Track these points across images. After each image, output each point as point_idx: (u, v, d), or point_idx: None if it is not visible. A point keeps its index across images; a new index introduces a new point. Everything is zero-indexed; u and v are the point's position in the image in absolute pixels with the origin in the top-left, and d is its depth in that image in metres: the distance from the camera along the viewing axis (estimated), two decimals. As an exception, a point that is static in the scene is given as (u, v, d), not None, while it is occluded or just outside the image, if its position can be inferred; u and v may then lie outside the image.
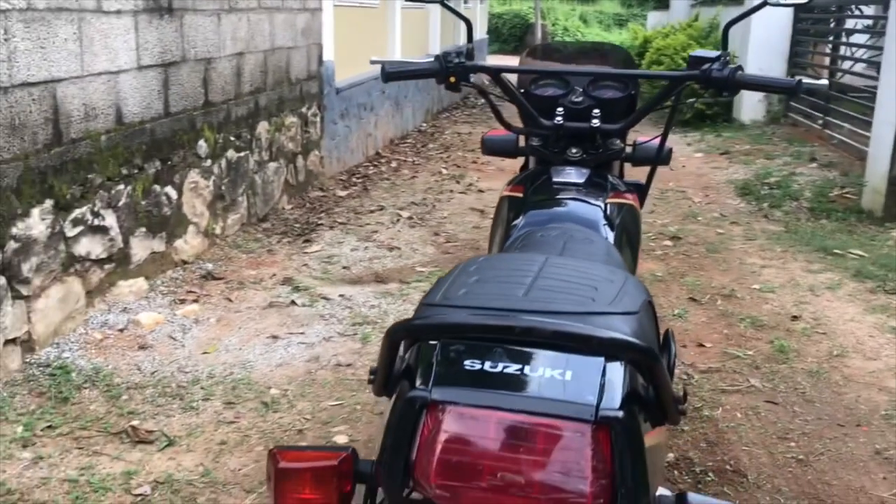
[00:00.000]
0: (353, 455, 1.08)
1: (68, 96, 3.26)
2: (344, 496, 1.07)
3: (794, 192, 6.24)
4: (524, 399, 0.96)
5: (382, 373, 1.08)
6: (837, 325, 3.77)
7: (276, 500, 1.08)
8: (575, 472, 0.90)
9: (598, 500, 0.91)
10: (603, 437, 0.92)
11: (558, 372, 1.00)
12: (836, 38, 8.65)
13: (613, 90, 2.03)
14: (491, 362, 1.01)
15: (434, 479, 0.92)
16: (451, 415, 0.94)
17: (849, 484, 2.52)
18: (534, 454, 0.91)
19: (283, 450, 1.09)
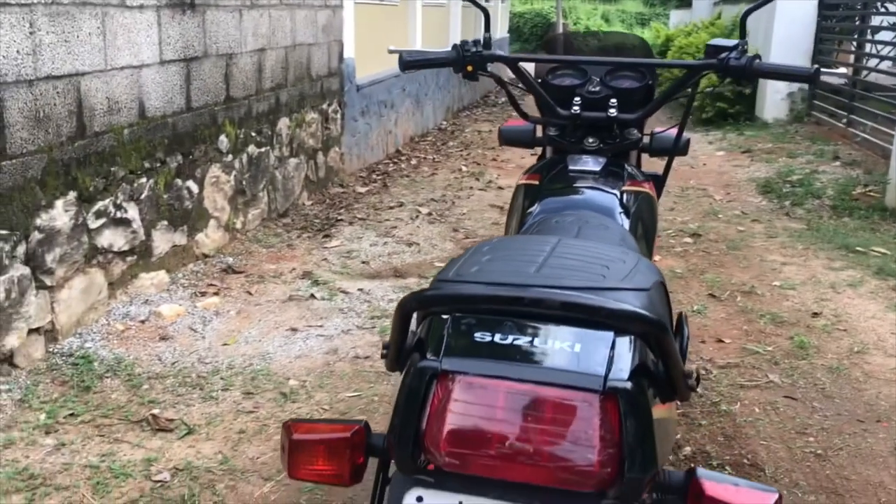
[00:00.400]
0: (365, 428, 1.10)
1: (92, 90, 3.30)
2: (356, 468, 1.09)
3: (817, 190, 6.19)
4: (533, 369, 0.97)
5: (395, 346, 1.09)
6: (858, 322, 3.74)
7: (289, 471, 1.10)
8: (583, 441, 0.91)
9: (606, 468, 0.91)
10: (611, 407, 0.93)
11: (567, 344, 1.01)
12: (861, 35, 8.56)
13: (631, 80, 2.03)
14: (501, 335, 1.02)
15: (444, 446, 0.93)
16: (461, 384, 0.95)
17: (868, 479, 2.50)
18: (542, 423, 0.92)
19: (297, 422, 1.11)
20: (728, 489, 0.98)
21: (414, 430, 0.95)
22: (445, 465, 0.94)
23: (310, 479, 1.10)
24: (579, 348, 1.00)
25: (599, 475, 0.91)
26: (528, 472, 0.92)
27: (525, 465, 0.92)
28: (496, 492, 0.97)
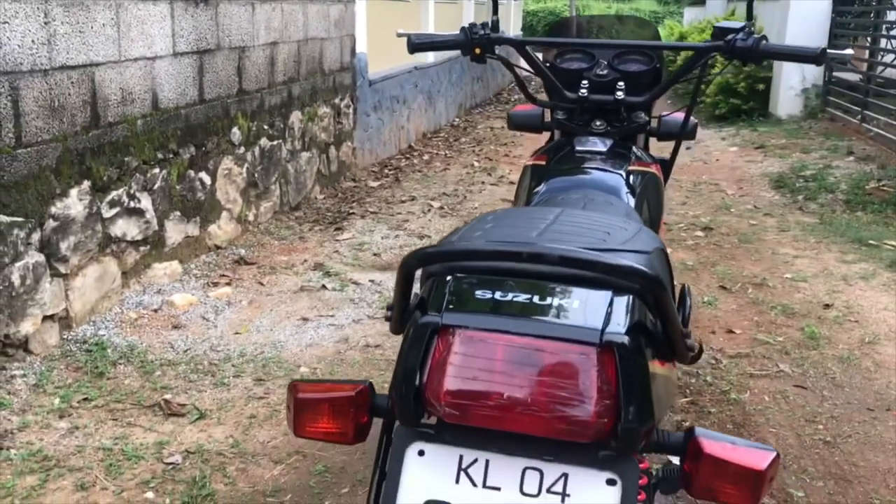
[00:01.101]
0: (369, 388, 1.12)
1: (106, 80, 3.34)
2: (360, 427, 1.11)
3: (830, 185, 6.16)
4: (532, 323, 0.98)
5: (398, 308, 1.11)
6: (870, 313, 3.73)
7: (294, 429, 1.12)
8: (580, 392, 0.92)
9: (602, 419, 0.93)
10: (608, 360, 0.94)
11: (566, 301, 1.02)
12: (876, 30, 8.51)
13: (638, 63, 2.04)
14: (501, 292, 1.04)
15: (444, 398, 0.94)
16: (461, 338, 0.97)
17: (876, 465, 2.50)
18: (540, 375, 0.94)
19: (302, 382, 1.12)
20: (726, 447, 0.99)
21: (415, 383, 0.96)
22: (446, 416, 0.96)
23: (314, 437, 1.12)
24: (578, 305, 1.02)
25: (596, 426, 0.93)
26: (527, 423, 0.93)
27: (523, 416, 0.93)
28: (495, 445, 0.99)
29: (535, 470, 0.98)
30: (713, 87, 9.78)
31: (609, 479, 0.96)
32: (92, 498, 2.25)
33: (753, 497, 0.98)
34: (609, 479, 0.96)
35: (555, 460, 0.97)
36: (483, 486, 0.97)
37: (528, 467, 0.98)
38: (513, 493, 0.97)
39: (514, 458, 0.98)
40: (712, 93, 9.83)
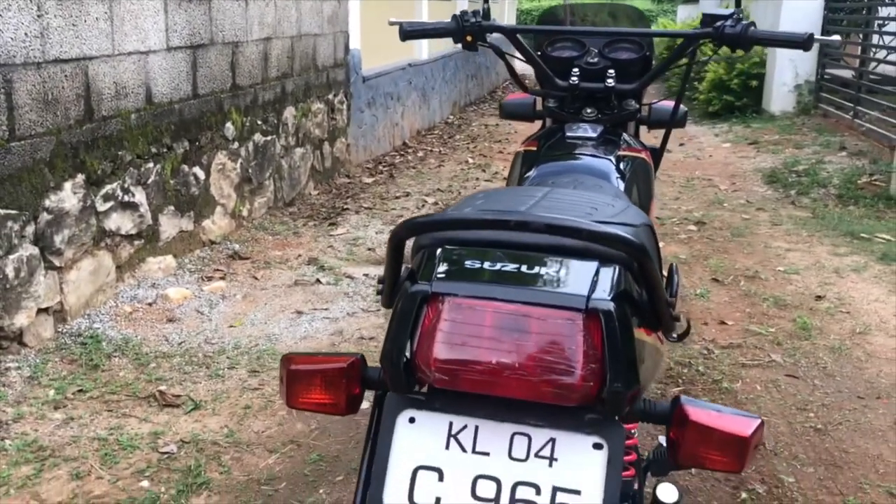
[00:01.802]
0: (361, 360, 1.14)
1: (99, 74, 3.35)
2: (352, 398, 1.12)
3: (823, 180, 6.19)
4: (520, 290, 1.00)
5: (389, 281, 1.12)
6: (862, 304, 3.75)
7: (287, 401, 1.13)
8: (567, 357, 0.94)
9: (588, 383, 0.94)
10: (594, 326, 0.96)
11: (553, 270, 1.04)
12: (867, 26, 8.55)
13: (628, 51, 2.06)
14: (490, 262, 1.06)
15: (434, 363, 0.96)
16: (450, 305, 0.99)
17: (866, 451, 2.52)
18: (528, 340, 0.95)
19: (295, 354, 1.14)
20: (711, 415, 1.01)
21: (406, 351, 0.98)
22: (436, 381, 0.97)
23: (307, 408, 1.13)
24: (565, 274, 1.04)
25: (583, 389, 0.94)
26: (515, 387, 0.95)
27: (512, 380, 0.95)
28: (484, 411, 1.00)
29: (524, 435, 0.99)
30: (706, 84, 9.82)
31: (595, 444, 0.98)
32: (87, 487, 2.26)
33: (738, 463, 1.00)
34: (595, 443, 0.98)
35: (542, 426, 0.99)
36: (472, 452, 0.99)
37: (517, 433, 1.00)
38: (501, 458, 0.99)
39: (503, 423, 1.00)
40: (706, 90, 9.86)
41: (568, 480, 0.97)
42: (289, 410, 2.72)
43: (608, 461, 0.97)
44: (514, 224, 0.98)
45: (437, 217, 1.03)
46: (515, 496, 0.97)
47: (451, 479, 0.98)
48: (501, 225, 0.99)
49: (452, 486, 0.98)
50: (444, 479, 0.99)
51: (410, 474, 0.99)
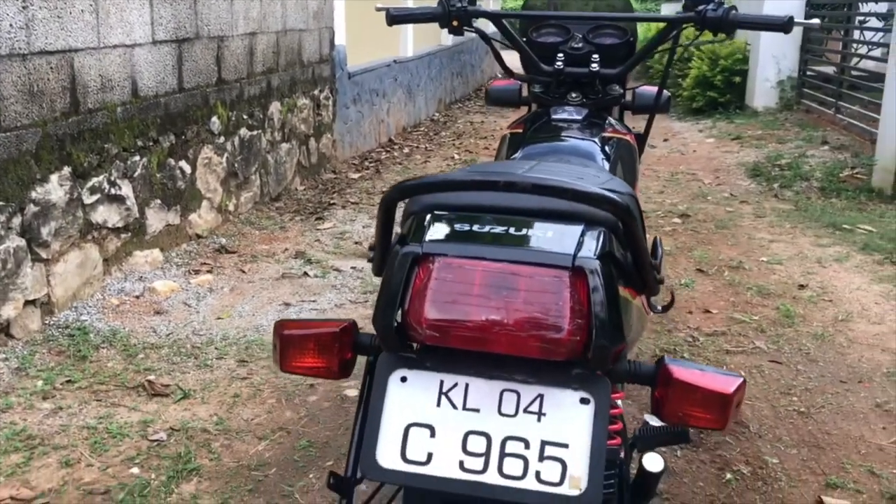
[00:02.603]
0: (353, 325, 1.16)
1: (85, 66, 3.34)
2: (345, 363, 1.14)
3: (805, 173, 6.25)
4: (508, 250, 1.03)
5: (380, 247, 1.14)
6: (844, 293, 3.80)
7: (281, 366, 1.15)
8: (554, 312, 0.96)
9: (575, 337, 0.96)
10: (580, 283, 0.99)
11: (541, 232, 1.06)
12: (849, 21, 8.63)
13: (612, 37, 2.08)
14: (479, 225, 1.08)
15: (425, 321, 0.98)
16: (441, 264, 1.01)
17: (848, 433, 2.56)
18: (516, 297, 0.97)
19: (287, 321, 1.16)
20: (695, 373, 1.04)
21: (397, 310, 1.00)
22: (427, 339, 0.99)
23: (300, 372, 1.15)
24: (552, 234, 1.06)
25: (570, 344, 0.97)
26: (504, 343, 0.97)
27: (501, 336, 0.97)
28: (474, 369, 1.02)
29: (513, 392, 1.02)
30: (690, 81, 9.88)
31: (582, 398, 1.00)
32: (77, 474, 2.26)
33: (721, 419, 1.03)
34: (582, 398, 1.00)
35: (531, 382, 1.01)
36: (463, 409, 1.01)
37: (506, 389, 1.02)
38: (491, 414, 1.01)
39: (493, 381, 1.02)
40: (689, 86, 9.92)
41: (556, 434, 0.99)
42: (278, 400, 2.73)
43: (594, 415, 0.99)
44: (502, 185, 1.00)
45: (428, 179, 1.05)
46: (505, 450, 0.99)
47: (442, 435, 1.01)
48: (490, 186, 1.01)
49: (444, 442, 1.00)
50: (435, 435, 1.01)
51: (403, 431, 1.01)
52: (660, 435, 1.33)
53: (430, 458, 1.00)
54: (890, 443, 2.50)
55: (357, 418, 1.14)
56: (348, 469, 1.12)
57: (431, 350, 1.04)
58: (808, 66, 9.21)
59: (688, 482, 2.29)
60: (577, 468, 0.97)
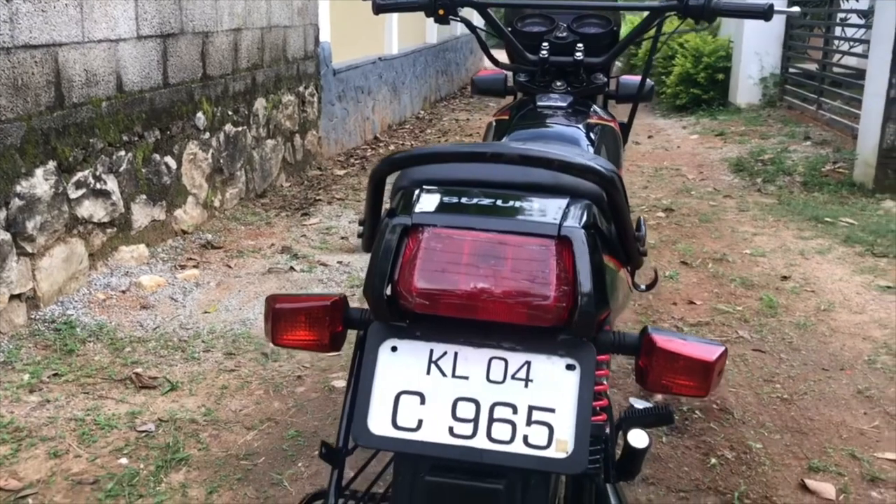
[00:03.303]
0: (344, 300, 1.17)
1: (70, 61, 3.34)
2: (335, 336, 1.16)
3: (788, 168, 6.31)
4: (496, 220, 1.05)
5: (369, 221, 1.16)
6: (826, 284, 3.84)
7: (273, 339, 1.17)
8: (540, 279, 0.98)
9: (561, 303, 0.98)
10: (565, 251, 1.01)
11: (527, 204, 1.09)
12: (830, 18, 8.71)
13: (596, 26, 2.11)
14: (467, 198, 1.10)
15: (415, 289, 1.00)
16: (430, 234, 1.03)
17: (830, 419, 2.59)
18: (504, 266, 0.99)
19: (278, 295, 1.18)
20: (677, 342, 1.06)
21: (387, 279, 1.01)
22: (417, 307, 1.01)
23: (292, 345, 1.17)
24: (537, 206, 1.08)
25: (556, 310, 0.99)
26: (492, 310, 0.99)
27: (489, 303, 0.99)
28: (463, 338, 1.04)
29: (500, 359, 1.04)
30: (674, 79, 9.94)
31: (568, 365, 1.02)
32: (65, 465, 2.26)
33: (704, 387, 1.05)
34: (568, 364, 1.02)
35: (518, 349, 1.03)
36: (452, 376, 1.03)
37: (494, 357, 1.04)
38: (480, 381, 1.03)
39: (481, 349, 1.04)
40: (673, 83, 9.98)
41: (543, 399, 1.01)
42: (266, 391, 2.74)
43: (580, 381, 1.01)
44: (489, 155, 1.01)
45: (416, 151, 1.07)
46: (494, 416, 1.01)
47: (432, 402, 1.02)
48: (478, 157, 1.03)
49: (434, 409, 1.02)
50: (425, 402, 1.03)
51: (393, 399, 1.03)
52: (645, 416, 1.35)
53: (421, 424, 1.02)
54: (871, 427, 2.54)
55: (348, 388, 1.16)
56: (339, 440, 1.14)
57: (421, 320, 1.05)
58: (790, 64, 9.29)
59: (673, 467, 2.31)
60: (563, 432, 1.00)
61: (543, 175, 1.13)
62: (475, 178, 1.14)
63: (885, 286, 3.78)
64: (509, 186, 1.13)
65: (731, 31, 9.83)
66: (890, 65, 5.46)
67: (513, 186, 1.13)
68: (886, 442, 2.46)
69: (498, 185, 1.14)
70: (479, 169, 1.16)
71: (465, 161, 1.09)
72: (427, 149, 1.05)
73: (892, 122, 5.51)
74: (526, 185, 1.13)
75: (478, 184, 1.14)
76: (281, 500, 2.13)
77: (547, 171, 1.12)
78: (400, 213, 1.07)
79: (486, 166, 1.15)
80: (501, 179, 1.14)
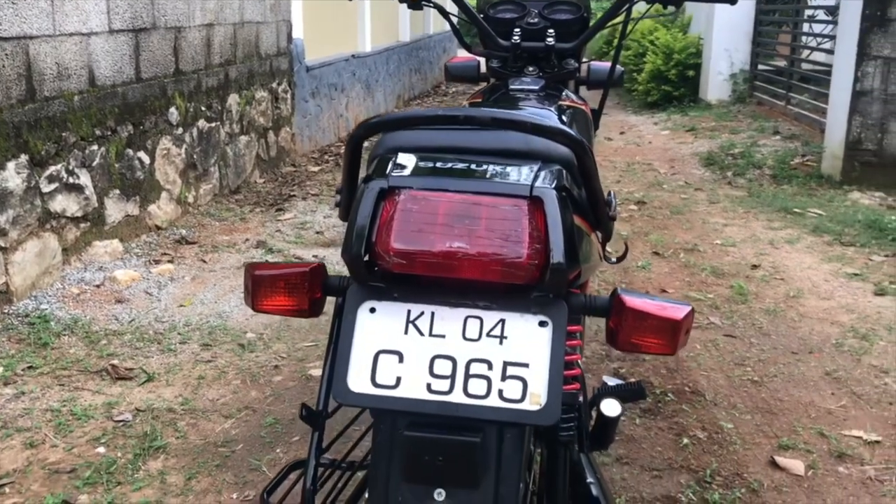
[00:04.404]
0: (322, 267, 1.20)
1: (41, 54, 3.32)
2: (315, 302, 1.18)
3: (758, 161, 6.41)
4: (470, 182, 1.08)
5: (346, 189, 1.18)
6: (795, 272, 3.91)
7: (253, 305, 1.18)
8: (513, 238, 1.01)
9: (534, 261, 1.01)
10: (537, 212, 1.04)
11: (500, 168, 1.12)
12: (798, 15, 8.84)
13: (566, 12, 2.14)
14: (441, 162, 1.13)
15: (392, 249, 1.02)
16: (406, 196, 1.05)
17: (799, 399, 2.65)
18: (478, 226, 1.02)
19: (258, 263, 1.19)
20: (647, 302, 1.10)
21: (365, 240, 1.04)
22: (395, 266, 1.03)
23: (272, 311, 1.19)
24: (510, 170, 1.11)
25: (529, 268, 1.02)
26: (468, 268, 1.02)
27: (464, 262, 1.01)
28: (439, 298, 1.07)
29: (476, 318, 1.06)
30: (645, 76, 10.04)
31: (541, 322, 1.05)
32: (42, 454, 2.26)
33: (671, 345, 1.09)
34: (541, 321, 1.05)
35: (493, 308, 1.06)
36: (429, 335, 1.06)
37: (469, 316, 1.07)
38: (456, 339, 1.05)
39: (457, 308, 1.07)
40: (644, 80, 10.08)
41: (517, 355, 1.04)
42: (243, 381, 2.74)
43: (552, 336, 1.04)
44: (462, 118, 1.04)
45: (392, 116, 1.09)
46: (470, 372, 1.04)
47: (410, 360, 1.05)
48: (451, 120, 1.05)
49: (412, 367, 1.05)
50: (403, 360, 1.05)
51: (372, 358, 1.06)
52: (618, 391, 1.38)
53: (399, 381, 1.04)
54: (838, 406, 2.59)
55: (327, 356, 1.18)
56: (319, 402, 1.16)
57: (398, 281, 1.08)
58: (759, 60, 9.42)
59: (647, 447, 2.35)
60: (536, 386, 1.03)
61: (515, 141, 1.16)
62: (449, 144, 1.17)
63: (851, 273, 3.85)
64: (482, 152, 1.16)
65: (701, 29, 9.94)
66: (855, 60, 5.56)
67: (486, 152, 1.16)
68: (853, 420, 2.52)
69: (471, 150, 1.16)
70: (452, 135, 1.18)
71: (439, 124, 1.12)
72: (402, 113, 1.08)
73: (859, 116, 5.62)
74: (498, 151, 1.16)
75: (451, 150, 1.16)
76: (260, 485, 2.14)
77: (519, 138, 1.15)
78: (376, 178, 1.10)
79: (460, 133, 1.18)
80: (474, 146, 1.17)
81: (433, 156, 1.14)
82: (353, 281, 1.10)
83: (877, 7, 5.47)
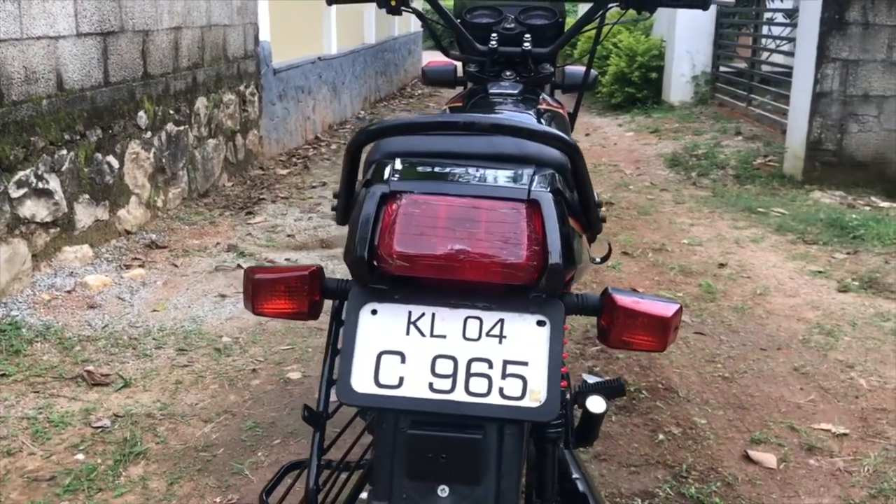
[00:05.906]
0: (321, 270, 1.22)
1: (8, 58, 3.28)
2: (314, 304, 1.20)
3: (721, 162, 6.52)
4: (469, 187, 1.11)
5: (344, 194, 1.21)
6: (761, 270, 4.00)
7: (253, 309, 1.20)
8: (512, 240, 1.04)
9: (532, 263, 1.05)
10: (535, 214, 1.07)
11: (497, 173, 1.15)
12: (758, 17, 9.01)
13: (542, 18, 2.18)
14: (440, 168, 1.16)
15: (394, 252, 1.05)
16: (408, 201, 1.08)
17: (769, 395, 2.71)
18: (478, 228, 1.05)
19: (257, 267, 1.21)
20: (637, 301, 1.13)
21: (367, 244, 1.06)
22: (397, 269, 1.06)
23: (273, 314, 1.20)
24: (507, 174, 1.15)
25: (527, 269, 1.05)
26: (468, 270, 1.05)
27: (465, 264, 1.04)
28: (440, 299, 1.10)
29: (476, 318, 1.09)
30: (609, 78, 10.15)
31: (539, 321, 1.09)
32: (20, 462, 2.24)
33: (661, 342, 1.13)
34: (539, 320, 1.09)
35: (492, 308, 1.09)
36: (430, 336, 1.08)
37: (469, 316, 1.10)
38: (456, 339, 1.08)
39: (457, 309, 1.09)
40: (608, 83, 10.19)
41: (516, 354, 1.07)
42: (221, 385, 2.74)
43: (550, 335, 1.08)
44: (462, 124, 1.07)
45: (392, 122, 1.12)
46: (471, 371, 1.07)
47: (412, 360, 1.08)
48: (451, 126, 1.09)
49: (414, 367, 1.07)
50: (405, 360, 1.08)
51: (375, 359, 1.08)
52: (598, 389, 1.41)
53: (402, 381, 1.07)
54: (807, 401, 2.67)
55: (326, 358, 1.20)
56: (320, 403, 1.18)
57: (399, 284, 1.10)
58: (721, 62, 9.58)
59: (623, 444, 2.40)
60: (536, 383, 1.06)
61: (509, 146, 1.20)
62: (444, 149, 1.20)
63: (815, 271, 3.95)
64: (477, 157, 1.19)
65: (663, 31, 10.08)
66: (815, 62, 5.70)
67: (480, 157, 1.19)
68: (821, 414, 2.59)
69: (467, 156, 1.20)
70: (447, 141, 1.21)
71: (438, 130, 1.14)
72: (402, 120, 1.10)
73: (819, 117, 5.75)
74: (493, 156, 1.20)
75: (448, 155, 1.19)
76: (243, 489, 2.15)
77: (512, 143, 1.18)
78: (376, 183, 1.12)
79: (455, 138, 1.21)
80: (469, 151, 1.20)
81: (431, 161, 1.17)
82: (354, 283, 1.12)
83: (835, 10, 5.60)
